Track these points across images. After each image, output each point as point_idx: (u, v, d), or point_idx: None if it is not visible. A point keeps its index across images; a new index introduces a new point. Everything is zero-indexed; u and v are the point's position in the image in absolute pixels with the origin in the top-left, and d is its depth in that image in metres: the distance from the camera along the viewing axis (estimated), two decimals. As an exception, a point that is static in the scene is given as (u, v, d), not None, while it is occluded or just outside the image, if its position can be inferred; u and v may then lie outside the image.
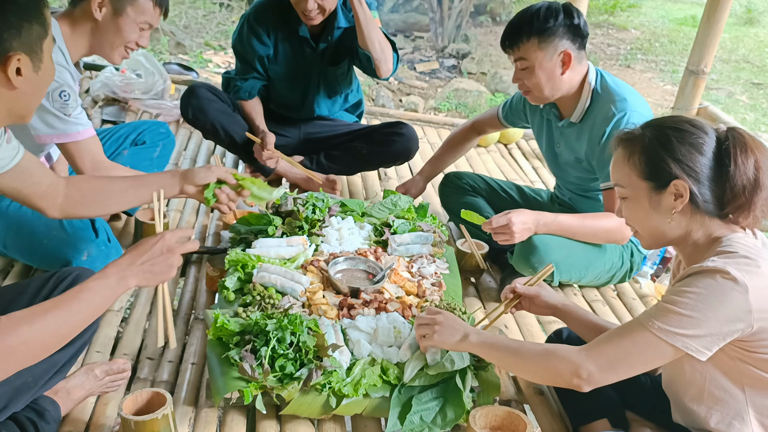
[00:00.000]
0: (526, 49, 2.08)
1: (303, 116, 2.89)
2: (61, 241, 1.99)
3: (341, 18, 2.65)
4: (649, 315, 1.30)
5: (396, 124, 2.90)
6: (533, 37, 2.06)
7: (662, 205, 1.36)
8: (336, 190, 2.86)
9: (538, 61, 2.08)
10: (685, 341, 1.25)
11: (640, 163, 1.37)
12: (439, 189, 2.72)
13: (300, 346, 1.64)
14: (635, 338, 1.30)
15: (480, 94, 6.10)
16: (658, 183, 1.35)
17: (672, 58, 7.75)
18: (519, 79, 2.16)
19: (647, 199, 1.38)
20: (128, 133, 2.50)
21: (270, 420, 1.62)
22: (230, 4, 7.62)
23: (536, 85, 2.13)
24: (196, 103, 2.72)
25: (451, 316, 1.60)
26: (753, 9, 9.54)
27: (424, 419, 1.60)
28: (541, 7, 2.08)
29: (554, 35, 2.05)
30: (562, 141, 2.31)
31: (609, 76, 2.19)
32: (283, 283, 1.91)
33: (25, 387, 1.39)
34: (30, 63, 1.24)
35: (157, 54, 6.06)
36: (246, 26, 2.66)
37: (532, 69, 2.10)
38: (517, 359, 1.45)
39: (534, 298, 1.73)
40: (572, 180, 2.39)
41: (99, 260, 2.01)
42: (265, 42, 2.67)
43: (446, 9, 7.68)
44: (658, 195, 1.36)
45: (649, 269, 2.55)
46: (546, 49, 2.07)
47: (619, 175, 1.42)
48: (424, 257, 2.20)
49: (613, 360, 1.31)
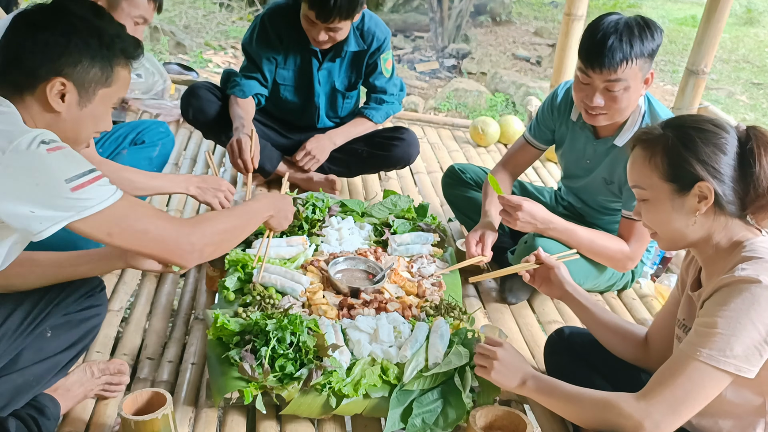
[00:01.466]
0: (630, 71, 1.88)
1: (303, 124, 2.89)
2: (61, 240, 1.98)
3: (351, 42, 2.64)
4: (694, 344, 1.25)
5: (397, 129, 2.90)
6: (639, 58, 1.87)
7: (685, 207, 1.33)
8: (335, 190, 2.86)
9: (635, 84, 1.91)
10: (737, 364, 1.21)
11: (662, 164, 1.33)
12: (442, 181, 2.69)
13: (300, 346, 1.64)
14: (689, 373, 1.24)
15: (480, 94, 6.10)
16: (681, 185, 1.31)
17: (672, 58, 7.75)
18: (600, 101, 1.94)
19: (669, 201, 1.34)
20: (127, 133, 2.50)
21: (270, 420, 1.62)
22: (230, 4, 7.62)
23: (621, 108, 1.96)
24: (196, 104, 2.72)
25: (512, 351, 1.54)
26: (753, 9, 9.54)
27: (426, 421, 1.60)
28: (637, 23, 1.89)
29: (652, 56, 1.90)
30: (595, 159, 2.20)
31: (652, 98, 2.10)
32: (283, 283, 1.91)
33: (27, 386, 1.41)
34: (76, 95, 1.29)
35: (157, 54, 6.05)
36: (259, 26, 2.65)
37: (625, 91, 1.92)
38: (577, 409, 1.39)
39: (551, 271, 1.72)
40: (589, 193, 2.32)
41: None
42: (275, 45, 2.65)
43: (446, 9, 7.68)
44: (682, 197, 1.32)
45: (649, 269, 2.55)
46: (645, 70, 1.92)
47: (639, 176, 1.38)
48: (424, 257, 2.20)
49: (674, 404, 1.24)
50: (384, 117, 2.83)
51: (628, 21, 1.89)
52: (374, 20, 2.68)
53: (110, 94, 1.36)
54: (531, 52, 7.83)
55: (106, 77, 1.32)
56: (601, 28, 1.89)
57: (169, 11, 6.97)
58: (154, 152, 2.51)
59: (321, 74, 2.72)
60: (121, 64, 1.35)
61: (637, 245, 2.09)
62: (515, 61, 7.51)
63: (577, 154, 2.26)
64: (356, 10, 2.42)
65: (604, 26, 1.88)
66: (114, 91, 1.36)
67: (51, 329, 1.43)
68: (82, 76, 1.29)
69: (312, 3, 2.39)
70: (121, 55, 1.35)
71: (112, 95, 1.36)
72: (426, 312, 1.91)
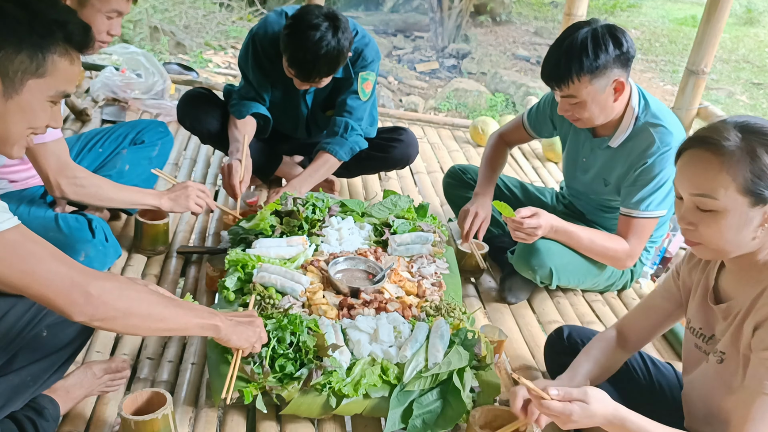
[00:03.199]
0: (577, 87, 1.93)
1: (298, 136, 2.87)
2: (57, 243, 1.98)
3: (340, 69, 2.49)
4: (762, 379, 1.24)
5: (396, 130, 2.87)
6: (584, 75, 1.90)
7: (755, 221, 1.26)
8: (335, 191, 2.86)
9: (591, 96, 1.95)
10: None
11: (744, 176, 1.23)
12: (444, 182, 2.69)
13: (300, 346, 1.64)
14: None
15: (480, 94, 6.10)
16: (758, 198, 1.24)
17: (672, 58, 7.76)
18: (567, 111, 2.02)
19: (742, 214, 1.25)
20: (127, 132, 2.49)
21: (270, 420, 1.62)
22: (230, 4, 7.62)
23: (588, 118, 2.02)
24: (193, 113, 2.70)
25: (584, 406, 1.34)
26: (753, 9, 9.54)
27: (426, 422, 1.60)
28: (586, 38, 1.90)
29: (606, 68, 1.91)
30: (592, 157, 2.22)
31: (650, 97, 2.10)
32: (283, 283, 1.91)
33: (24, 386, 1.40)
34: (1, 86, 1.16)
35: (157, 54, 6.06)
36: (251, 46, 2.55)
37: (583, 104, 1.97)
38: None
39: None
40: (587, 192, 2.34)
41: (96, 260, 2.01)
42: (265, 66, 2.55)
43: (446, 9, 7.69)
44: (755, 209, 1.25)
45: (649, 269, 2.55)
46: (598, 84, 1.93)
47: (712, 185, 1.25)
48: (424, 257, 2.20)
49: None
50: (349, 154, 2.59)
51: (575, 39, 1.91)
52: (366, 40, 2.55)
53: (43, 86, 1.20)
54: (531, 52, 7.84)
55: (36, 66, 1.17)
56: (555, 46, 1.98)
57: (169, 11, 6.98)
58: (154, 152, 2.51)
59: (308, 97, 2.68)
60: (59, 53, 1.20)
61: (636, 242, 2.09)
62: (515, 61, 7.52)
63: (576, 151, 2.29)
64: (337, 69, 2.36)
65: (557, 44, 1.97)
66: (49, 83, 1.20)
67: (46, 328, 1.42)
68: (5, 64, 1.14)
69: (291, 63, 2.30)
70: (61, 44, 1.20)
71: (46, 87, 1.21)
72: (426, 312, 1.91)
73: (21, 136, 1.24)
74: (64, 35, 1.20)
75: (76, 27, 1.22)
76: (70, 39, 1.21)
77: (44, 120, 1.24)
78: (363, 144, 2.62)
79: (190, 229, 2.54)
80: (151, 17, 6.59)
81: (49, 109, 1.24)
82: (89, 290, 1.17)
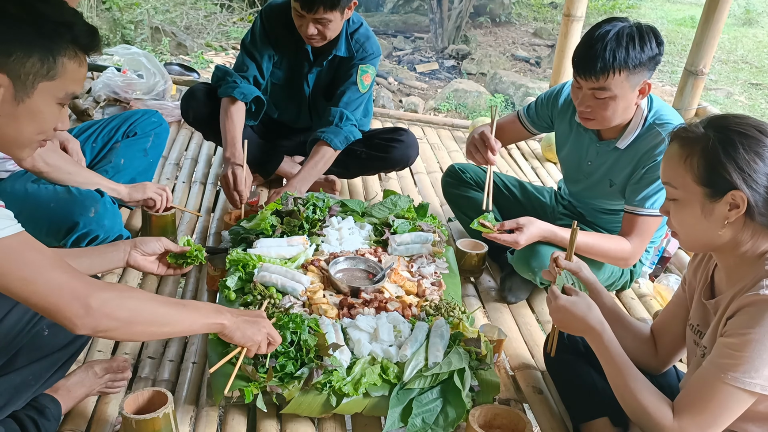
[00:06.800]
0: (614, 80, 1.87)
1: (300, 126, 2.89)
2: (68, 202, 2.01)
3: (342, 46, 2.62)
4: (721, 367, 1.25)
5: (396, 130, 2.88)
6: (625, 67, 1.85)
7: (714, 214, 1.28)
8: (335, 190, 2.87)
9: (622, 92, 1.90)
10: (764, 384, 1.22)
11: (698, 166, 1.27)
12: (443, 181, 2.68)
13: (301, 345, 1.64)
14: (720, 398, 1.26)
15: (480, 94, 6.11)
16: (714, 190, 1.26)
17: (671, 58, 7.76)
18: (589, 107, 1.96)
19: (699, 206, 1.29)
20: (119, 125, 2.47)
21: (271, 419, 1.63)
22: (231, 5, 7.63)
23: (607, 116, 1.96)
24: (196, 106, 2.73)
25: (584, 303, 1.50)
26: (752, 10, 9.55)
27: (426, 421, 1.61)
28: (633, 31, 1.86)
29: (643, 66, 1.87)
30: (597, 161, 2.19)
31: (655, 97, 2.08)
32: (283, 283, 1.91)
33: (26, 385, 1.40)
34: (12, 90, 1.15)
35: (159, 55, 6.07)
36: (259, 23, 2.65)
37: (611, 99, 1.91)
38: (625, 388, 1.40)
39: (576, 274, 1.67)
40: (589, 194, 2.32)
41: (106, 217, 2.03)
42: (272, 43, 2.64)
43: (446, 10, 7.70)
44: (712, 203, 1.28)
45: (648, 269, 2.56)
46: (633, 80, 1.89)
47: (673, 174, 1.33)
48: (424, 257, 2.21)
49: (705, 426, 1.28)
50: (344, 143, 2.61)
51: (621, 30, 1.87)
52: (368, 34, 2.66)
53: (53, 89, 1.19)
54: (530, 53, 7.84)
55: (47, 69, 1.17)
56: (593, 35, 1.90)
57: (170, 12, 6.99)
58: (148, 143, 2.48)
59: (310, 77, 2.72)
60: (68, 56, 1.19)
61: (638, 240, 2.09)
62: (515, 62, 7.52)
63: (580, 155, 2.26)
64: (338, 4, 2.39)
65: (597, 34, 1.89)
66: (59, 86, 1.19)
67: (48, 327, 1.42)
68: (17, 68, 1.14)
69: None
70: (69, 46, 1.19)
71: (56, 90, 1.20)
72: (426, 311, 1.92)
73: (31, 140, 1.23)
74: (71, 37, 1.20)
75: (82, 29, 1.21)
76: (77, 41, 1.20)
77: (53, 122, 1.24)
78: (357, 134, 2.66)
79: (191, 229, 2.54)
80: (152, 18, 6.60)
81: (57, 111, 1.24)
82: (90, 303, 1.16)
